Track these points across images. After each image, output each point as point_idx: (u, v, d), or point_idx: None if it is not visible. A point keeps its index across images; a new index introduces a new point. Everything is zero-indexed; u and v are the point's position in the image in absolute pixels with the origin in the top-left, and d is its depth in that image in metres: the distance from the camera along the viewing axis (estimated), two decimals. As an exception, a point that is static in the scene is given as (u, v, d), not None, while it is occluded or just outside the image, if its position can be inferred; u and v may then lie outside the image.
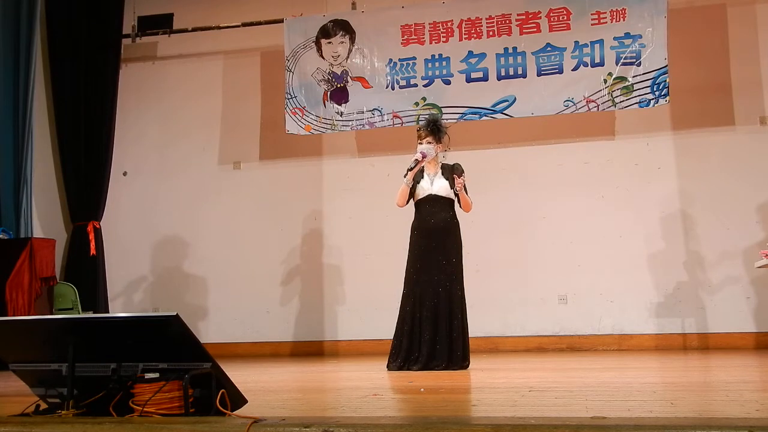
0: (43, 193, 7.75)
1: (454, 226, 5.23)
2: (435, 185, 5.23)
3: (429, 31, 7.26)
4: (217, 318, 7.90)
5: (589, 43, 6.89)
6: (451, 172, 5.25)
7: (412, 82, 7.27)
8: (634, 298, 7.03)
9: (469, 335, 5.17)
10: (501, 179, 7.36)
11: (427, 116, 5.71)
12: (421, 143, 5.24)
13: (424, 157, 5.19)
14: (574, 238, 7.18)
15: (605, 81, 6.81)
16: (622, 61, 6.79)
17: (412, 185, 5.24)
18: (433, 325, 5.08)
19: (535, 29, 7.02)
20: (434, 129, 5.25)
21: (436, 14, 7.26)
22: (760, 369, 4.72)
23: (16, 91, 7.28)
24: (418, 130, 5.38)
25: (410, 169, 5.20)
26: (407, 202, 5.31)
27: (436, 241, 5.18)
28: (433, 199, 5.22)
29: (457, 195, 5.24)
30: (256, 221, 7.92)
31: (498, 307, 7.22)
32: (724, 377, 4.21)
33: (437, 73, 7.22)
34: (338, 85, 7.45)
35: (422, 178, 5.25)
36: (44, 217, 7.75)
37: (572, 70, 6.91)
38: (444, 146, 5.30)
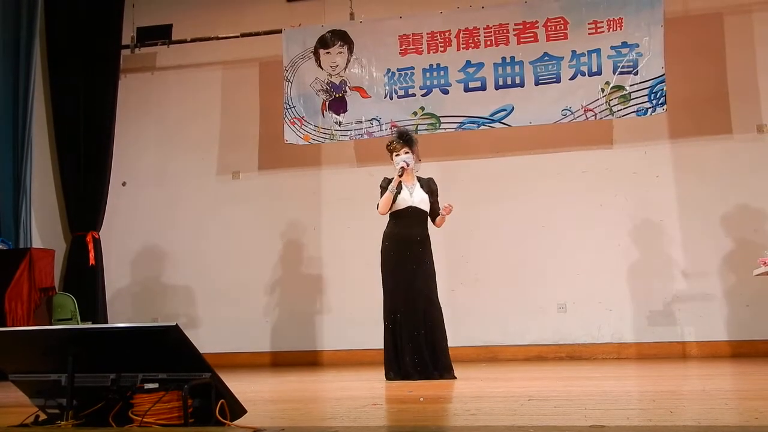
0: (42, 204, 7.75)
1: (427, 238, 5.32)
2: (415, 197, 5.30)
3: (427, 41, 7.28)
4: (216, 328, 7.87)
5: (586, 53, 6.91)
6: (428, 186, 5.37)
7: (411, 91, 7.29)
8: (633, 306, 7.03)
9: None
10: (499, 188, 7.38)
11: (395, 130, 5.74)
12: (398, 155, 5.31)
13: (408, 166, 5.27)
14: (573, 247, 7.18)
15: (603, 90, 6.83)
16: (619, 70, 6.81)
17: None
18: (424, 335, 5.12)
19: (532, 39, 7.05)
20: (408, 140, 5.35)
21: (434, 24, 7.29)
22: (758, 377, 4.72)
23: (15, 101, 7.30)
24: (389, 144, 5.41)
25: (399, 176, 5.24)
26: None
27: (413, 252, 5.23)
28: (412, 211, 5.28)
29: (432, 210, 5.32)
30: (255, 231, 7.91)
31: (497, 316, 7.22)
32: (723, 385, 4.22)
33: (435, 82, 7.24)
34: (337, 95, 7.47)
35: (402, 188, 5.31)
36: (43, 227, 7.74)
37: (570, 79, 6.93)
38: (417, 156, 5.37)
